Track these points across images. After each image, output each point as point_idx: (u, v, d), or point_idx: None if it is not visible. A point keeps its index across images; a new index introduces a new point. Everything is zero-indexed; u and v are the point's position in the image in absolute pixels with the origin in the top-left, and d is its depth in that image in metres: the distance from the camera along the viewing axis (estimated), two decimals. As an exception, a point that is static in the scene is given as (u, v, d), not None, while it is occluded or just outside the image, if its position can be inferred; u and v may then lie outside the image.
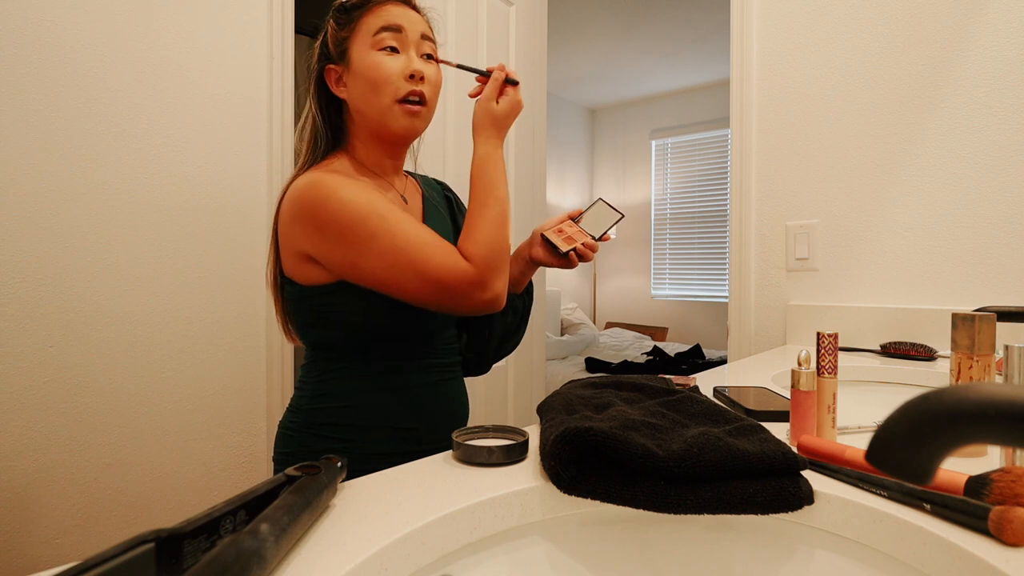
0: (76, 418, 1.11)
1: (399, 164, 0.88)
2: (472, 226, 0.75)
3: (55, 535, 1.09)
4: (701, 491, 0.48)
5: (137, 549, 0.33)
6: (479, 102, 0.81)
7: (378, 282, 0.73)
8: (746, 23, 1.59)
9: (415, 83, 0.78)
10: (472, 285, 0.72)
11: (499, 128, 0.80)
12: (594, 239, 0.89)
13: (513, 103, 0.80)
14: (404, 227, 0.72)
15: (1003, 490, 0.43)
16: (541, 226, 0.91)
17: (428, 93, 0.80)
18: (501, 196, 0.77)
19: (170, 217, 1.24)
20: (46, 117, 1.08)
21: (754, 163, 1.59)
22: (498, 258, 0.74)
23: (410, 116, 0.79)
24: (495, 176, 0.78)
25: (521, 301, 0.96)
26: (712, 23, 3.53)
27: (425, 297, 0.73)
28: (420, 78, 0.78)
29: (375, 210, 0.72)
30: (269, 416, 1.40)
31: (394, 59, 0.78)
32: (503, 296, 0.76)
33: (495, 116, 0.79)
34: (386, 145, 0.84)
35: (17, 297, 1.05)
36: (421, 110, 0.79)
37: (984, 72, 1.27)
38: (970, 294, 1.29)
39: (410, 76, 0.78)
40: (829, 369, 0.63)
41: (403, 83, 0.77)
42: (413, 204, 0.88)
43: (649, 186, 4.92)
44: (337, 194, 0.72)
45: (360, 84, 0.79)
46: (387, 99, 0.78)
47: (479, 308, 0.75)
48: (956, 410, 0.23)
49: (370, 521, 0.44)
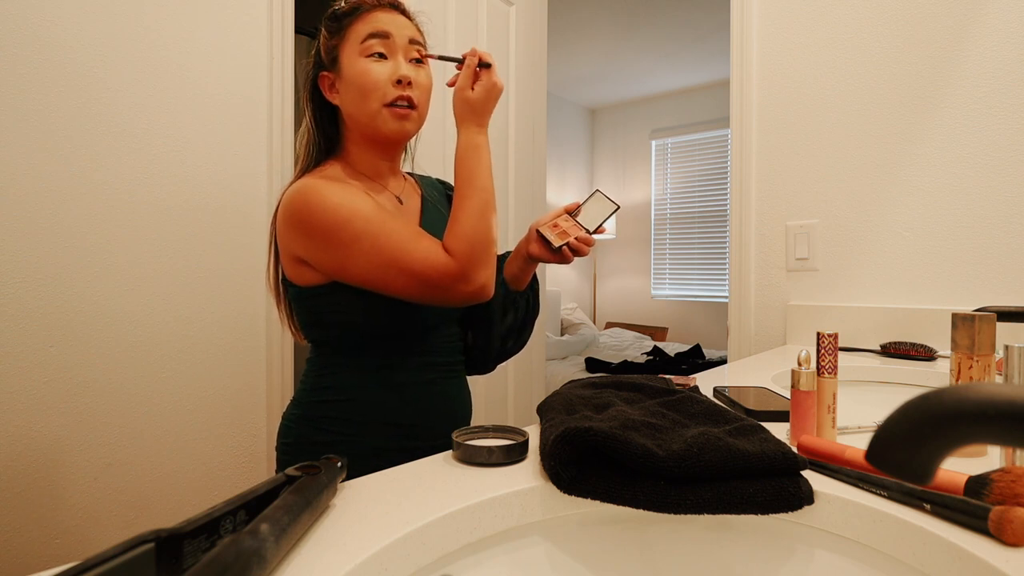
0: (76, 418, 1.11)
1: (394, 166, 0.89)
2: (453, 218, 0.76)
3: (55, 535, 1.09)
4: (701, 491, 0.47)
5: (137, 549, 0.33)
6: (455, 92, 0.81)
7: (366, 281, 0.75)
8: (746, 23, 1.59)
9: (402, 88, 0.79)
10: (453, 278, 0.73)
11: (478, 115, 0.80)
12: (588, 232, 0.88)
13: (488, 87, 0.80)
14: (387, 227, 0.74)
15: (1003, 490, 0.43)
16: (537, 221, 0.90)
17: (417, 97, 0.81)
18: (482, 185, 0.78)
19: (170, 217, 1.24)
20: (46, 117, 1.08)
21: (754, 163, 1.59)
22: (480, 249, 0.75)
23: (399, 119, 0.80)
24: (476, 165, 0.78)
25: (524, 299, 0.94)
26: (712, 23, 3.53)
27: (411, 293, 0.75)
28: (408, 83, 0.79)
29: (359, 212, 0.74)
30: (269, 416, 1.40)
31: (382, 65, 0.79)
32: (489, 287, 0.77)
33: (472, 104, 0.80)
34: (379, 148, 0.85)
35: (17, 297, 1.05)
36: (410, 113, 0.80)
37: (984, 72, 1.27)
38: (970, 294, 1.29)
39: (397, 82, 0.78)
40: (829, 369, 0.63)
41: (391, 89, 0.79)
42: (410, 205, 0.89)
43: (649, 186, 4.92)
44: (323, 199, 0.74)
45: (350, 90, 0.80)
46: (375, 104, 0.79)
47: (464, 300, 0.76)
48: (956, 410, 0.23)
49: (370, 521, 0.44)
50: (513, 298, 0.93)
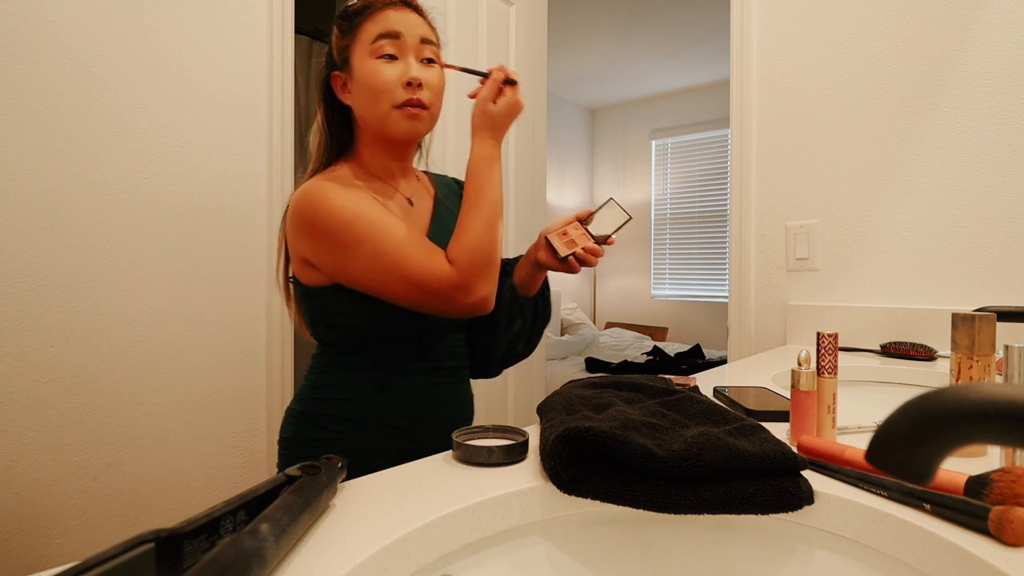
0: (76, 418, 1.11)
1: (405, 166, 0.89)
2: (460, 228, 0.76)
3: (55, 535, 1.09)
4: (701, 491, 0.47)
5: (137, 549, 0.33)
6: (477, 102, 0.81)
7: (366, 286, 0.75)
8: (746, 23, 1.59)
9: (413, 91, 0.78)
10: (454, 288, 0.73)
11: (496, 129, 0.80)
12: (597, 242, 0.86)
13: (511, 103, 0.80)
14: (391, 232, 0.74)
15: (1003, 490, 0.43)
16: (547, 227, 0.88)
17: (428, 98, 0.80)
18: (492, 198, 0.77)
19: (170, 217, 1.24)
20: (46, 117, 1.08)
21: (754, 163, 1.59)
22: (483, 261, 0.74)
23: (410, 119, 0.79)
24: (488, 177, 0.78)
25: (532, 305, 0.92)
26: (712, 23, 3.53)
27: (410, 299, 0.74)
28: (418, 85, 0.78)
29: (362, 216, 0.74)
30: (269, 416, 1.40)
31: (392, 67, 0.78)
32: (489, 300, 0.77)
33: (492, 117, 0.80)
34: (390, 148, 0.84)
35: (17, 297, 1.05)
36: (421, 113, 0.79)
37: (984, 72, 1.27)
38: (970, 294, 1.29)
39: (407, 84, 0.78)
40: (829, 369, 0.63)
41: (400, 91, 0.78)
42: (422, 206, 0.89)
43: (649, 186, 4.92)
44: (327, 201, 0.74)
45: (361, 92, 0.80)
46: (385, 106, 0.78)
47: (464, 311, 0.76)
48: (956, 410, 0.23)
49: (370, 521, 0.44)
50: (521, 304, 0.91)
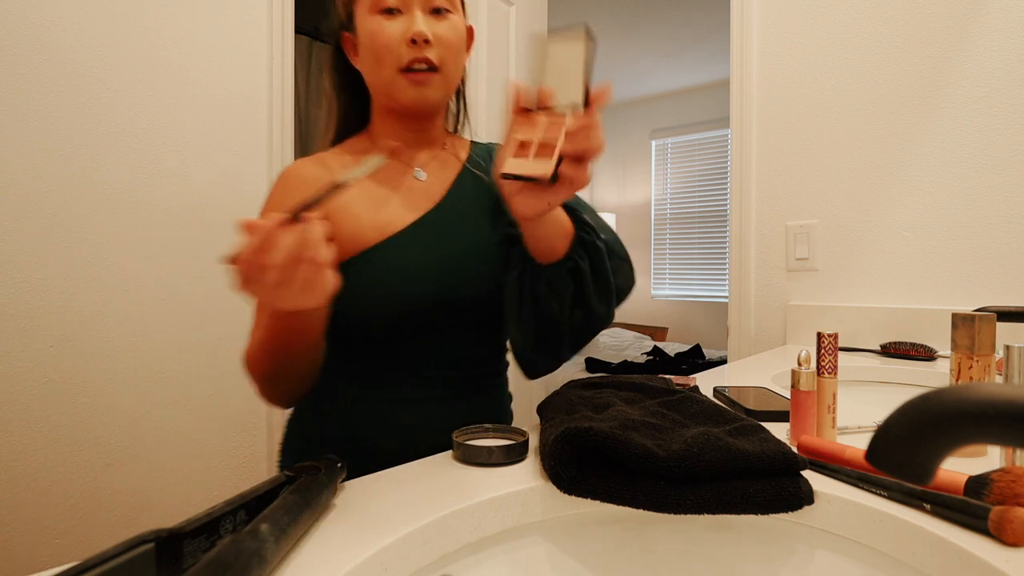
0: (76, 418, 1.11)
1: (426, 136, 0.76)
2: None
3: (55, 535, 1.09)
4: (701, 491, 0.47)
5: (137, 549, 0.33)
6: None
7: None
8: (746, 23, 1.59)
9: (419, 49, 0.66)
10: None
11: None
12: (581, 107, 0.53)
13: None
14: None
15: (1003, 490, 0.43)
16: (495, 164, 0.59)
17: (438, 57, 0.68)
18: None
19: (170, 217, 1.24)
20: (46, 117, 1.08)
21: (754, 163, 1.59)
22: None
23: (416, 86, 0.68)
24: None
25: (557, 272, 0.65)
26: (712, 23, 3.53)
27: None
28: (424, 41, 0.66)
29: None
30: (269, 416, 1.40)
31: (394, 22, 0.67)
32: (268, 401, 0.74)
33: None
34: (402, 119, 0.73)
35: (17, 297, 1.05)
36: (430, 77, 0.68)
37: (984, 72, 1.27)
38: (970, 294, 1.29)
39: (412, 41, 0.66)
40: (829, 369, 0.63)
41: (404, 50, 0.66)
42: (439, 177, 0.76)
43: (649, 186, 4.92)
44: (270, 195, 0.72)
45: (365, 54, 0.70)
46: (389, 70, 0.67)
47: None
48: (956, 410, 0.23)
49: (370, 521, 0.44)
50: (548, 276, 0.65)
